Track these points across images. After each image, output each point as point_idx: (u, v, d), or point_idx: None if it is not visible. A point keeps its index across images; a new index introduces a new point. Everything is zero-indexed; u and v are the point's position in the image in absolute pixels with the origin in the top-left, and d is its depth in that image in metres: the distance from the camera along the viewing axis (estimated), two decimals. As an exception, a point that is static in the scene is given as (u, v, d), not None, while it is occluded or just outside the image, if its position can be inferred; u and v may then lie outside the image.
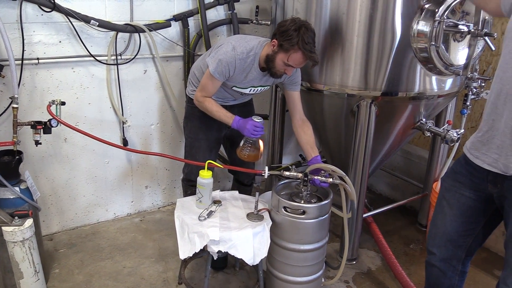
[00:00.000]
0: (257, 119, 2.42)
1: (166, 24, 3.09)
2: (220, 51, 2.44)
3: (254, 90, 2.63)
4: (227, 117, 2.51)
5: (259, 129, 2.42)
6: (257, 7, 3.37)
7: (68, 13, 2.69)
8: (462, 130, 2.86)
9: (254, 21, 3.36)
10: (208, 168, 2.37)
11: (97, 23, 2.79)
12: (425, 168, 3.40)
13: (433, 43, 2.41)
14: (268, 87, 2.69)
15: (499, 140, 1.69)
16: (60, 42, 2.80)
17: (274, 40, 2.36)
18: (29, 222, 2.28)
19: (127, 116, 3.20)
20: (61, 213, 3.16)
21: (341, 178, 2.35)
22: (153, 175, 3.49)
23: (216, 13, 3.34)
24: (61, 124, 2.48)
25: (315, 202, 2.35)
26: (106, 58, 2.97)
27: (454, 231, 1.94)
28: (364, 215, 3.04)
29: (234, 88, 2.58)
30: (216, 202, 2.45)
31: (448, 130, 2.76)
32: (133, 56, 3.06)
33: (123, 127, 3.20)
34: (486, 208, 1.87)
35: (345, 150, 2.91)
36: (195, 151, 2.77)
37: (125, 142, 3.22)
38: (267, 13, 3.45)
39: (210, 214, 2.33)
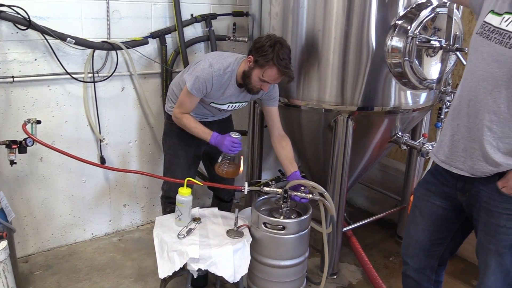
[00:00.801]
0: (235, 135, 2.43)
1: (143, 42, 3.09)
2: (198, 68, 2.45)
3: (232, 106, 2.64)
4: (205, 133, 2.51)
5: (237, 145, 2.43)
6: (234, 24, 3.40)
7: (44, 31, 2.67)
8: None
9: (232, 38, 3.39)
10: (188, 185, 2.36)
11: (74, 41, 2.77)
12: (403, 181, 3.44)
13: (407, 58, 2.47)
14: (246, 103, 2.70)
15: (463, 144, 1.75)
16: (35, 60, 2.77)
17: (250, 56, 2.38)
18: (3, 244, 2.22)
19: (104, 134, 3.17)
20: (37, 234, 3.09)
21: (321, 194, 2.36)
22: (131, 193, 3.45)
23: (194, 30, 3.36)
24: (37, 143, 2.44)
25: (294, 218, 2.35)
26: (82, 75, 2.95)
27: (426, 240, 1.98)
28: (344, 229, 3.05)
29: (212, 104, 2.59)
30: (196, 219, 2.43)
31: (424, 143, 2.81)
32: (110, 74, 3.04)
33: (100, 145, 3.16)
34: (457, 216, 1.92)
35: (324, 165, 2.94)
36: (174, 168, 2.75)
37: (102, 160, 3.18)
38: (244, 30, 3.48)
39: (189, 231, 2.31)
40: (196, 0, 3.29)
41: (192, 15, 3.27)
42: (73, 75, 2.89)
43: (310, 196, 2.35)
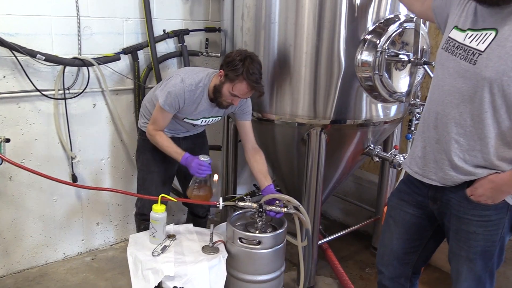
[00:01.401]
0: (204, 158, 2.41)
1: (115, 58, 3.07)
2: (169, 84, 2.45)
3: (205, 121, 2.64)
4: (177, 153, 2.50)
5: (205, 168, 2.41)
6: (207, 39, 3.42)
7: (13, 48, 2.63)
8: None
9: (204, 53, 3.40)
10: (162, 202, 2.33)
11: (44, 57, 2.73)
12: (376, 192, 3.49)
13: (377, 72, 2.52)
14: (220, 117, 2.71)
15: (433, 155, 1.80)
16: (4, 77, 2.72)
17: (221, 70, 2.40)
18: (-30, 267, 2.16)
19: (76, 152, 3.12)
20: (6, 255, 3.00)
21: (296, 208, 2.37)
22: (104, 211, 3.39)
23: (166, 46, 3.36)
24: (6, 162, 2.38)
25: (270, 232, 2.35)
26: (53, 92, 2.90)
27: (400, 249, 2.01)
28: (320, 242, 3.06)
29: (185, 119, 2.59)
30: (171, 236, 2.41)
31: (395, 155, 2.86)
32: (81, 90, 3.01)
33: (72, 162, 3.11)
34: (430, 225, 1.95)
35: (298, 178, 2.95)
36: (148, 185, 2.73)
37: (74, 178, 3.12)
38: (217, 45, 3.50)
39: (164, 249, 2.28)
40: (168, 16, 3.30)
41: (164, 31, 3.27)
42: (43, 92, 2.84)
43: (285, 210, 2.36)
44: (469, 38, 1.67)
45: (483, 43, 1.62)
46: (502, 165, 1.67)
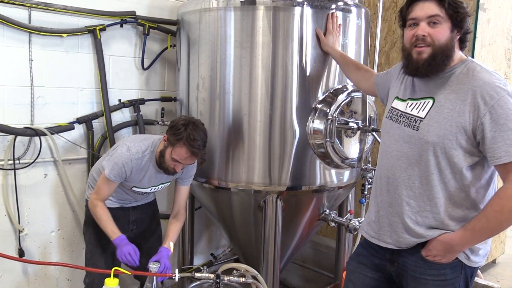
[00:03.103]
0: (154, 265, 2.27)
1: (69, 127, 3.04)
2: (116, 154, 2.45)
3: (155, 188, 2.62)
4: (113, 233, 2.44)
5: (131, 260, 2.38)
6: (163, 108, 3.46)
7: (-39, 119, 2.57)
8: (363, 219, 3.02)
9: (160, 122, 3.42)
10: (114, 276, 2.24)
11: (-7, 128, 2.68)
12: (334, 258, 3.48)
13: (328, 139, 2.61)
14: (169, 183, 2.70)
15: (387, 219, 1.86)
16: (-51, 148, 2.63)
17: (165, 135, 2.43)
18: None
19: (24, 224, 2.98)
20: None
21: (254, 277, 2.33)
22: (53, 287, 3.20)
23: (122, 115, 3.36)
24: None
25: (228, 303, 2.29)
26: (2, 163, 2.81)
27: None
28: (279, 311, 2.99)
29: (134, 188, 2.55)
30: (123, 312, 2.29)
31: (351, 219, 2.91)
32: (32, 160, 2.93)
33: (19, 236, 2.96)
34: (389, 287, 1.97)
35: (256, 246, 2.93)
36: (97, 259, 2.61)
37: (21, 252, 2.96)
38: (173, 114, 3.54)
39: (116, 326, 2.16)
40: (124, 86, 3.33)
41: (120, 100, 3.29)
42: (-9, 163, 2.76)
43: (243, 279, 2.31)
44: (410, 106, 1.81)
45: (423, 110, 1.76)
46: (451, 224, 1.74)
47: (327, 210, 2.97)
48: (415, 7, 1.75)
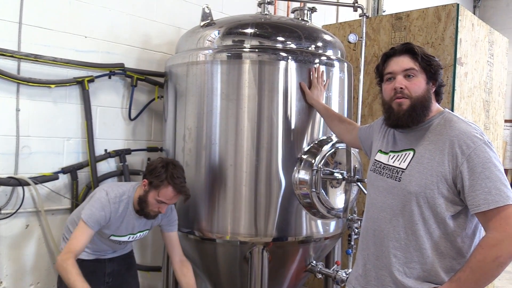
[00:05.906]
0: None
1: (53, 177, 3.01)
2: (94, 199, 2.45)
3: (133, 237, 2.59)
4: None
5: None
6: (149, 159, 3.45)
7: None
8: (350, 270, 2.99)
9: (146, 172, 3.42)
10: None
11: (-24, 178, 2.65)
12: (322, 311, 3.42)
13: (314, 189, 2.63)
14: (148, 231, 2.66)
15: (374, 272, 1.85)
16: None
17: (145, 180, 2.43)
18: None
19: (2, 277, 2.88)
20: None
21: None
22: None
23: (107, 165, 3.35)
24: None
25: None
26: (-18, 214, 2.77)
27: None
28: None
29: (112, 237, 2.51)
30: None
31: (338, 271, 2.88)
32: (14, 211, 2.88)
33: (-4, 290, 2.87)
34: None
35: (241, 299, 2.87)
36: None
37: (-3, 308, 2.86)
38: (159, 164, 3.54)
39: None
40: (110, 136, 3.34)
41: (106, 150, 3.29)
42: (-28, 214, 2.70)
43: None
44: (392, 159, 1.86)
45: (404, 161, 1.81)
46: (440, 274, 1.73)
47: (314, 261, 2.94)
48: (390, 62, 1.84)
